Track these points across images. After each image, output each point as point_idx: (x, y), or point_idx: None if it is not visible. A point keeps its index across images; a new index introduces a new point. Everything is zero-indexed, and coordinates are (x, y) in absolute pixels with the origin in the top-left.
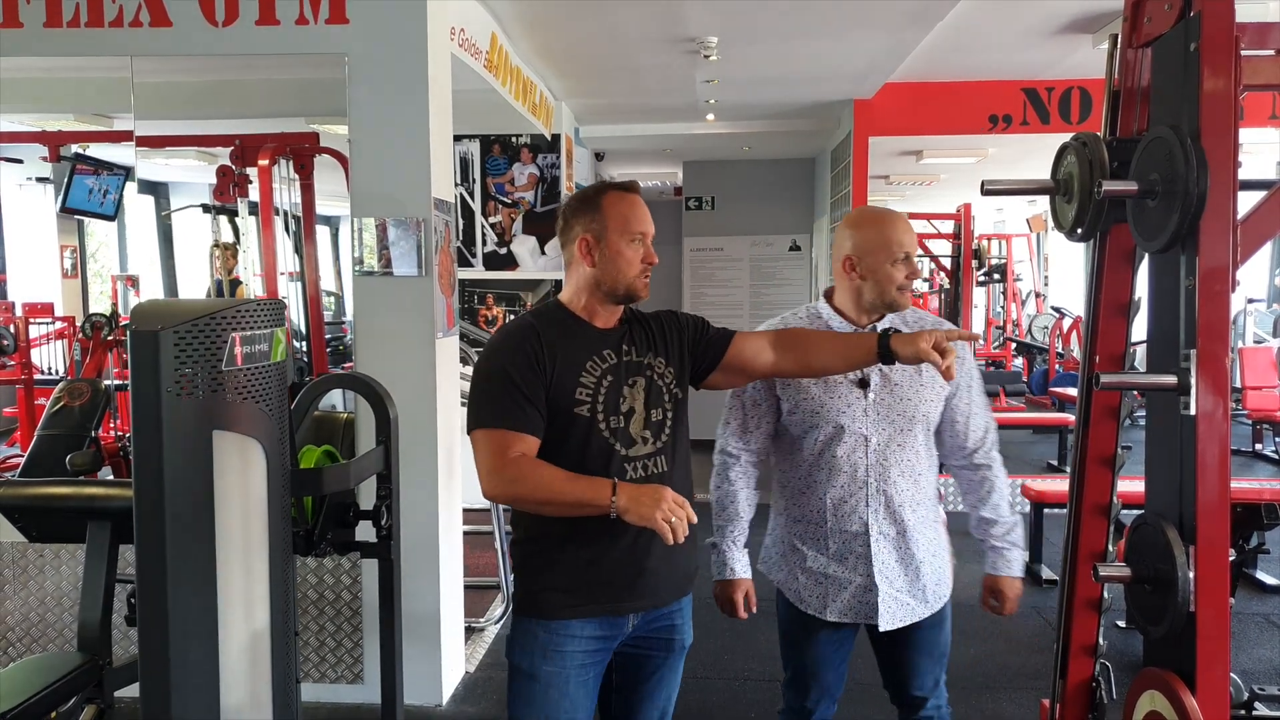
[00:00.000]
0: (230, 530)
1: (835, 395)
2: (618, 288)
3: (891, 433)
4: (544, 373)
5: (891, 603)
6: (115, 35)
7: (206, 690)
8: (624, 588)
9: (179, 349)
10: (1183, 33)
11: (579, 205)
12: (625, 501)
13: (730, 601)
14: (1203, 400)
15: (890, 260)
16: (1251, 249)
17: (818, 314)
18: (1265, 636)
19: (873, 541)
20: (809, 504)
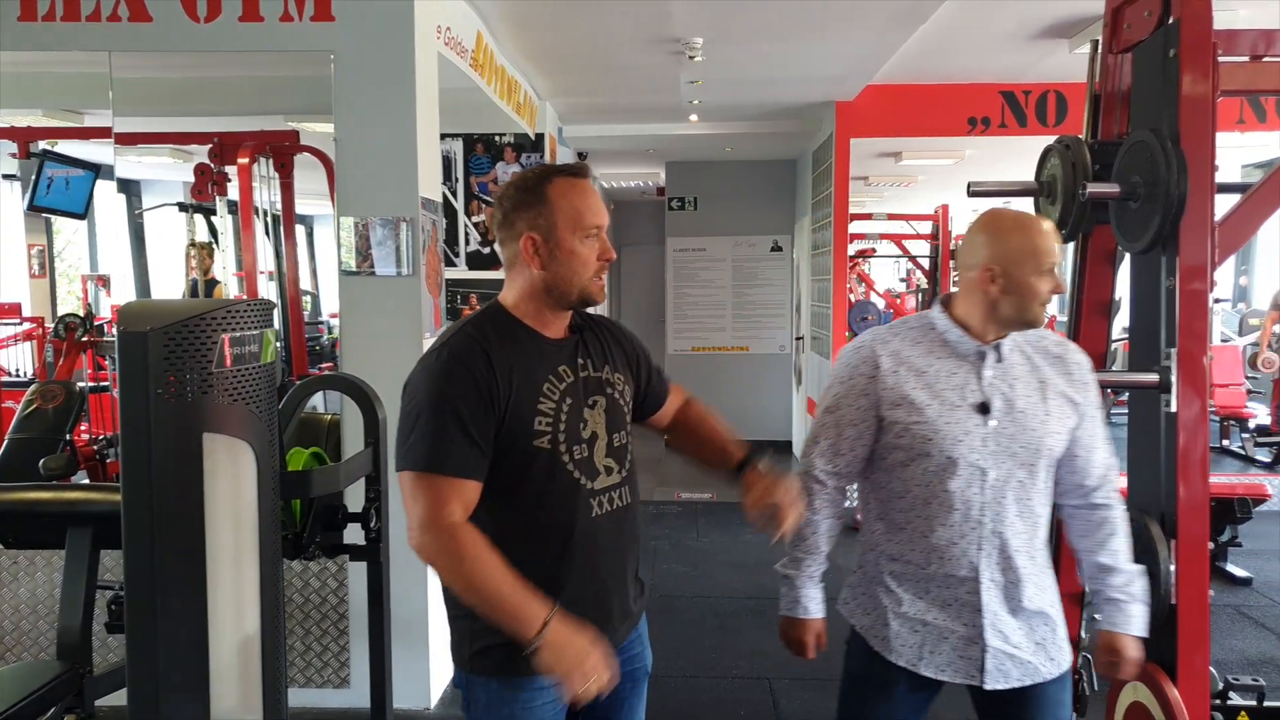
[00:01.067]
0: (220, 534)
1: (952, 421)
2: (570, 292)
3: (1012, 467)
4: (496, 405)
5: (1002, 659)
6: (93, 30)
7: (196, 696)
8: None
9: (168, 350)
10: (1162, 39)
11: (521, 196)
12: (547, 650)
13: (800, 643)
14: (1183, 398)
15: (1038, 271)
16: (1229, 251)
17: (931, 325)
18: (1237, 627)
19: (983, 589)
20: (911, 541)
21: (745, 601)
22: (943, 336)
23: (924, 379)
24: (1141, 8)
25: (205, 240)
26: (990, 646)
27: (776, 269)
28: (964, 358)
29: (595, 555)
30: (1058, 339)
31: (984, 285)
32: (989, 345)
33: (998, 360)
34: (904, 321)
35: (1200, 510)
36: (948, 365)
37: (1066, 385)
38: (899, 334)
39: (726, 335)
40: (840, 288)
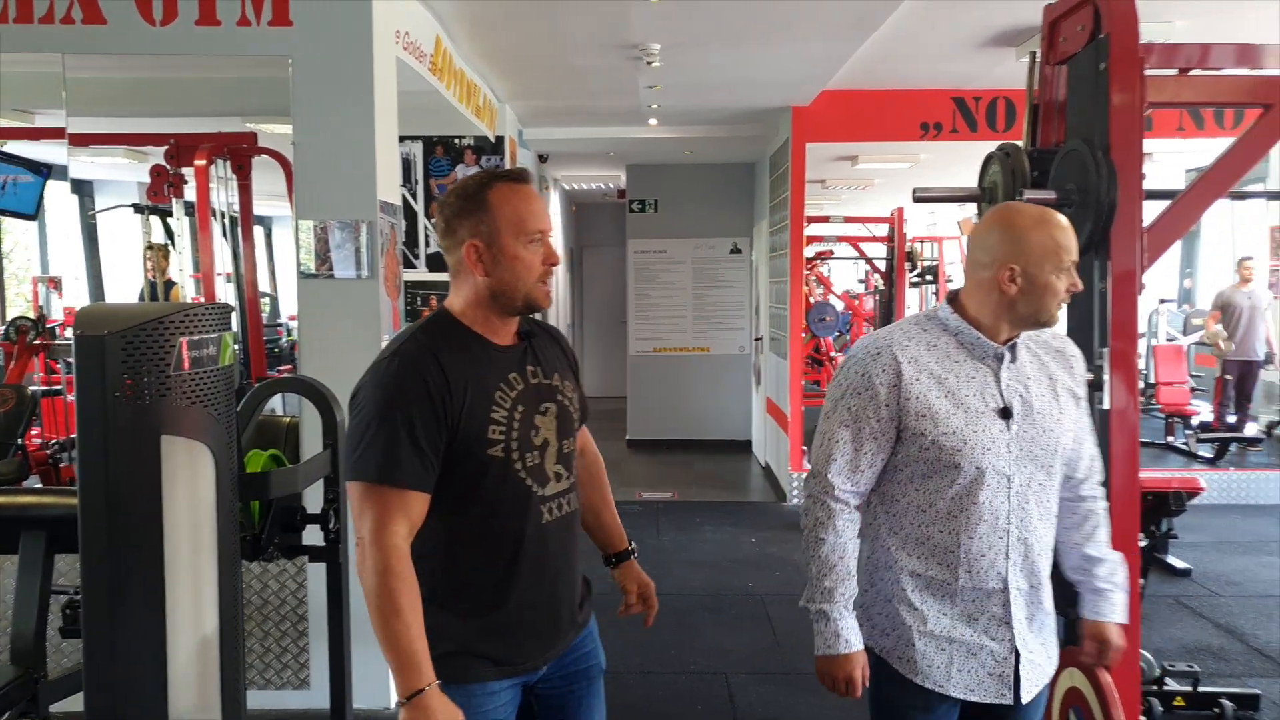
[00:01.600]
0: (178, 536)
1: (979, 429)
2: (516, 298)
3: (1033, 470)
4: (449, 415)
5: (1031, 670)
6: (46, 32)
7: (154, 697)
8: (538, 646)
9: (125, 353)
10: (1093, 53)
11: (462, 203)
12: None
13: (849, 680)
14: (1115, 395)
15: (1058, 270)
16: (1157, 254)
17: (943, 324)
18: (1176, 617)
19: (1011, 600)
20: (935, 555)
21: (704, 599)
22: (958, 338)
23: (945, 386)
24: (1075, 22)
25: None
26: (1023, 658)
27: (736, 271)
28: (983, 361)
29: (545, 560)
30: (1053, 332)
31: (1003, 284)
32: (1003, 344)
33: (1012, 361)
34: (913, 321)
35: (1132, 502)
36: (965, 369)
37: (1070, 379)
38: (913, 337)
39: (687, 336)
40: (797, 290)
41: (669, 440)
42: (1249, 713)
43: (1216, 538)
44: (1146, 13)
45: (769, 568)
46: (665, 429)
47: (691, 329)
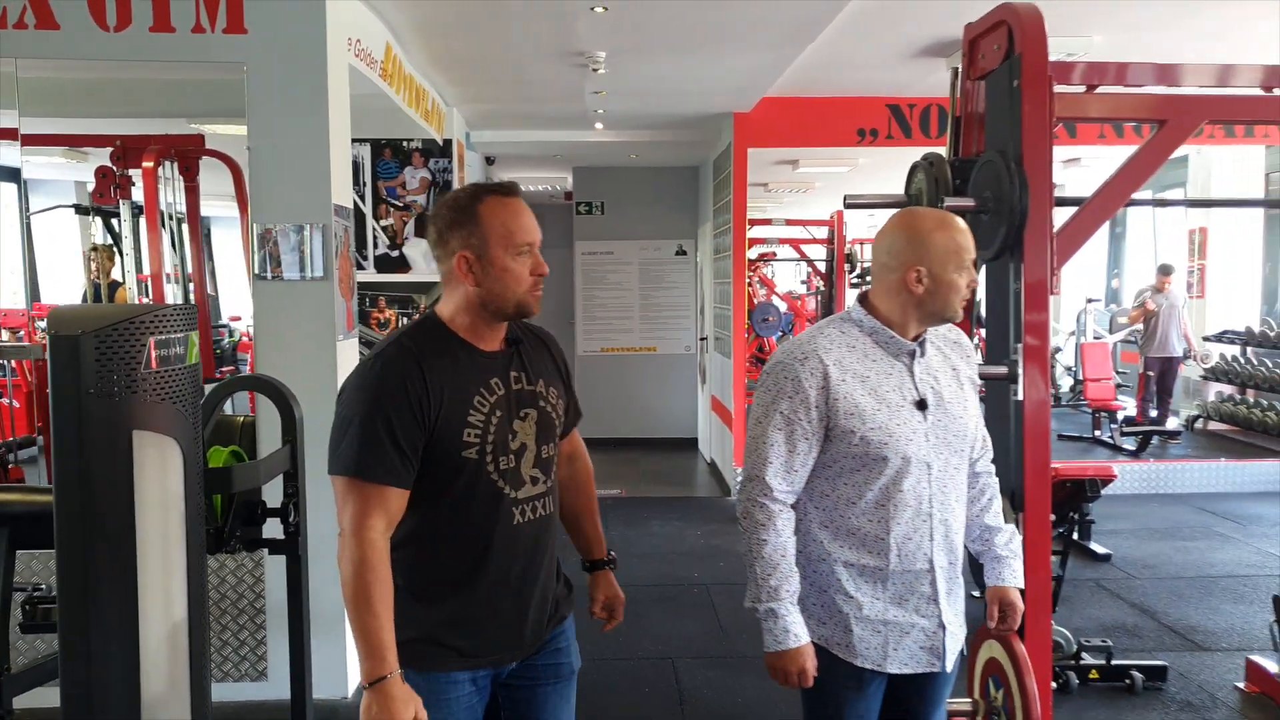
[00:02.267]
0: (150, 526)
1: (900, 421)
2: (506, 306)
3: (949, 455)
4: (426, 417)
5: (953, 640)
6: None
7: (127, 683)
8: (504, 642)
9: (99, 352)
10: (1008, 70)
11: (454, 216)
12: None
13: (801, 672)
14: (1028, 387)
15: (959, 268)
16: (1066, 257)
17: (859, 325)
18: (1095, 599)
19: (938, 579)
20: (871, 545)
21: (651, 590)
22: (874, 337)
23: (868, 384)
24: (992, 41)
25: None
26: (949, 630)
27: (681, 272)
28: (898, 358)
29: (512, 560)
30: (949, 325)
31: (910, 285)
32: (913, 340)
33: (922, 356)
34: (831, 325)
35: (1043, 487)
36: (883, 366)
37: (967, 368)
38: (835, 340)
39: (634, 336)
40: (740, 290)
41: (617, 439)
42: (1157, 683)
43: (1136, 525)
44: (1066, 28)
45: (714, 559)
46: (613, 427)
47: (638, 329)
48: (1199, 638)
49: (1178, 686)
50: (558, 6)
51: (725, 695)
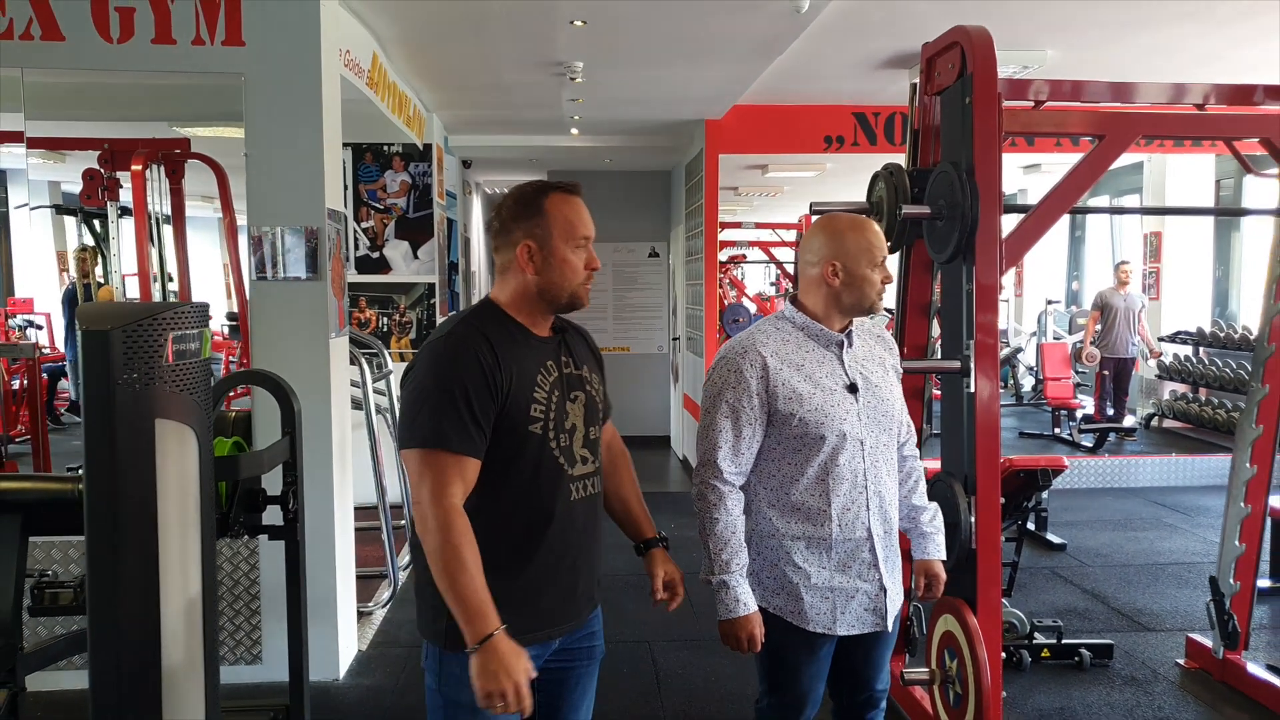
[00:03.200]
0: (170, 507)
1: (834, 402)
2: (561, 296)
3: (879, 433)
4: (499, 391)
5: (892, 602)
6: (6, 47)
7: (149, 650)
8: (559, 614)
9: (126, 346)
10: (960, 88)
11: (520, 208)
12: (481, 658)
13: (749, 638)
14: (980, 381)
15: (871, 265)
16: (1014, 260)
17: (791, 320)
18: (1050, 585)
19: (876, 545)
20: (814, 517)
21: (628, 578)
22: (805, 331)
23: (803, 372)
24: (947, 60)
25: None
26: (889, 593)
27: (654, 274)
28: (828, 348)
29: (570, 535)
30: (874, 321)
31: (828, 278)
32: (838, 331)
33: (850, 346)
34: (768, 323)
35: (993, 473)
36: (816, 356)
37: (892, 359)
38: (771, 335)
39: (608, 336)
40: (711, 292)
41: None
42: (1104, 660)
43: (1091, 517)
44: (1022, 43)
45: (686, 550)
46: None
47: (612, 329)
48: (1145, 619)
49: (1123, 663)
50: (539, 21)
51: (698, 674)
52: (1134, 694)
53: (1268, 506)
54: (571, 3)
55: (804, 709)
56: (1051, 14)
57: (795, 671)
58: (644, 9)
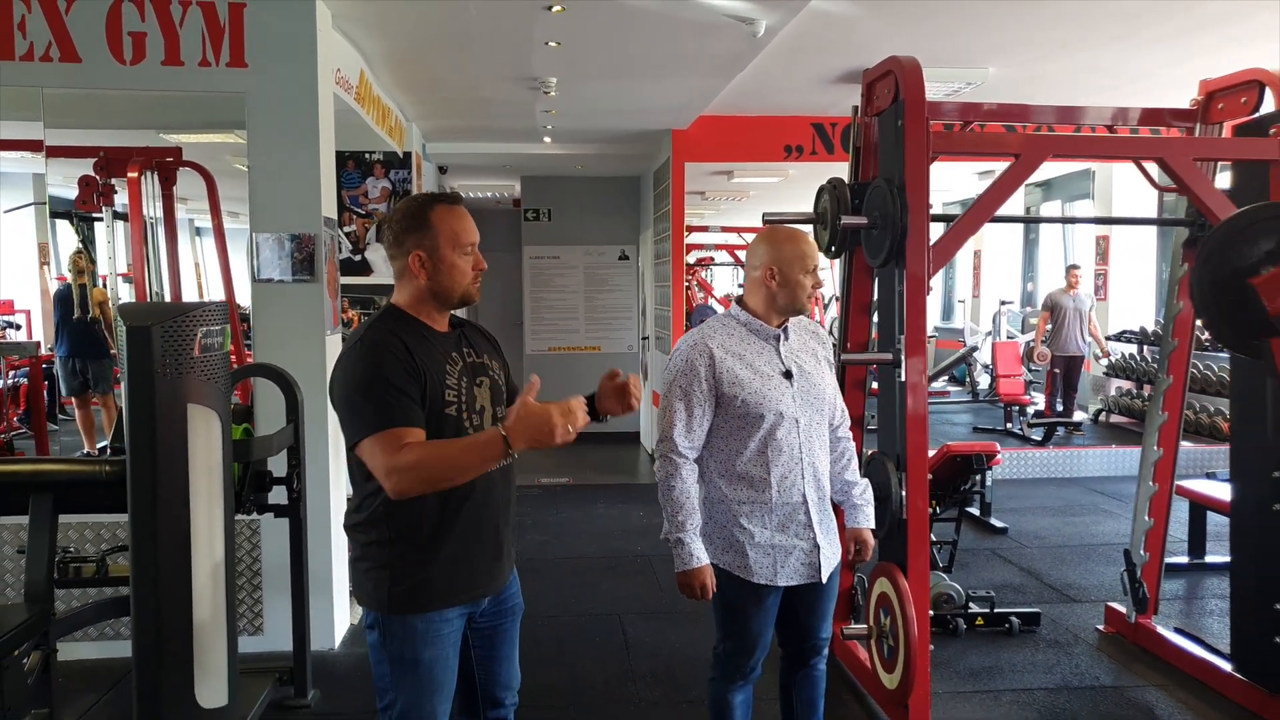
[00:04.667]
0: (199, 482)
1: (772, 387)
2: (452, 296)
3: (812, 414)
4: (419, 378)
5: (827, 558)
6: (27, 68)
7: (182, 605)
8: (486, 576)
9: (164, 340)
10: (894, 112)
11: (409, 221)
12: (523, 444)
13: (702, 586)
14: (910, 370)
15: (804, 270)
16: (940, 264)
17: (736, 318)
18: (990, 563)
19: (811, 509)
20: (756, 484)
21: (599, 560)
22: (748, 327)
23: (745, 360)
24: (884, 86)
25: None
26: (822, 550)
27: (624, 276)
28: (767, 341)
29: (489, 500)
30: (812, 321)
31: (766, 281)
32: (780, 329)
33: (787, 340)
34: (716, 320)
35: (921, 452)
36: (756, 347)
37: (824, 351)
38: (718, 330)
39: (580, 336)
40: (678, 293)
41: None
42: (1031, 627)
43: (1033, 504)
44: (966, 61)
45: (654, 534)
46: None
47: (584, 329)
48: (1072, 592)
49: (1049, 630)
50: (517, 41)
51: (663, 641)
52: (1055, 655)
53: (1173, 486)
54: (547, 26)
55: (754, 652)
56: (992, 35)
57: (745, 619)
58: (613, 31)
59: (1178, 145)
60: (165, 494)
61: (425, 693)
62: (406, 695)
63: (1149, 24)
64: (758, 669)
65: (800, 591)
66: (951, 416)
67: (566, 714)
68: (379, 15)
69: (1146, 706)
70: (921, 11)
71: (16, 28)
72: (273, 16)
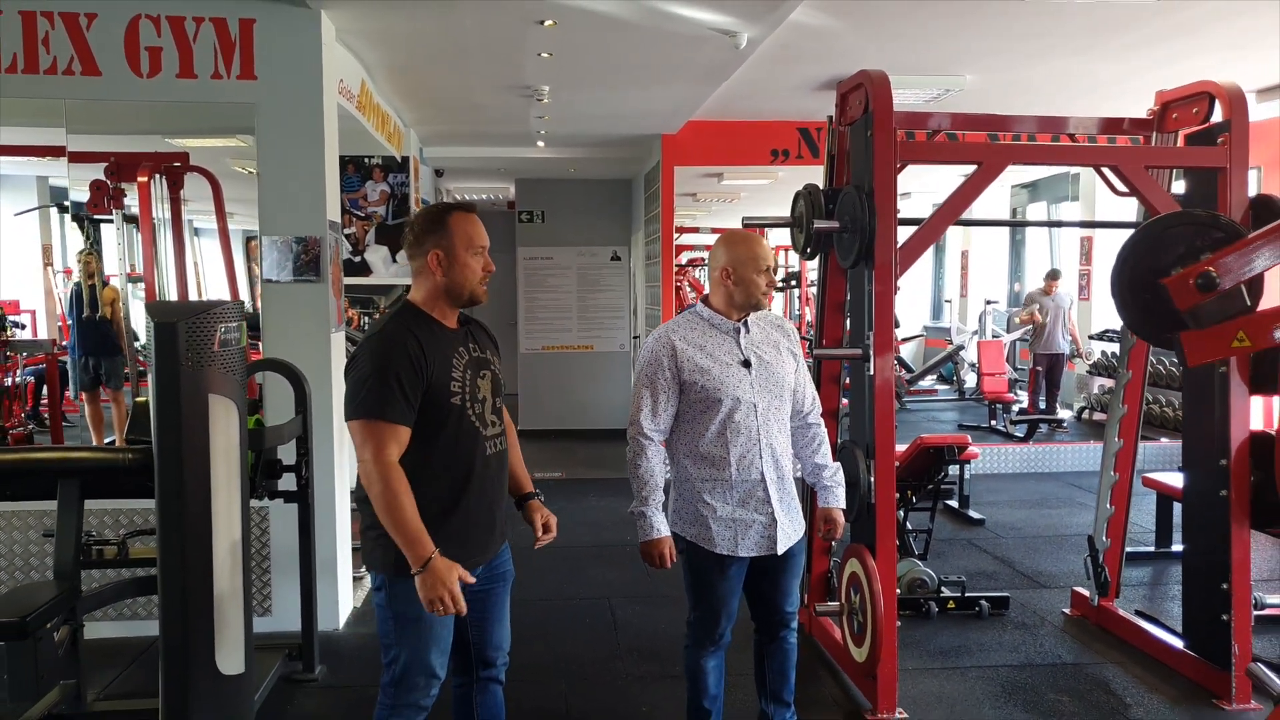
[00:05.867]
0: (219, 466)
1: (730, 373)
2: (463, 293)
3: (770, 399)
4: (424, 374)
5: (783, 534)
6: (51, 81)
7: (204, 578)
8: (481, 546)
9: (188, 336)
10: (865, 123)
11: (429, 225)
12: (426, 576)
13: (660, 555)
14: (878, 365)
15: (757, 270)
16: (907, 265)
17: (700, 314)
18: (966, 552)
19: (769, 486)
20: (715, 464)
21: (589, 549)
22: (709, 322)
23: (705, 351)
24: (856, 98)
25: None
26: (779, 524)
27: (616, 276)
28: (727, 333)
29: (486, 482)
30: (779, 316)
31: (724, 280)
32: (740, 323)
33: (747, 332)
34: (682, 316)
35: (889, 441)
36: (717, 339)
37: (788, 343)
38: (682, 325)
39: (573, 335)
40: (668, 293)
41: (557, 430)
42: (1000, 610)
43: (1012, 498)
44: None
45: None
46: (554, 419)
47: (576, 329)
48: (1042, 579)
49: (1017, 613)
50: (511, 52)
51: (649, 622)
52: (1021, 635)
53: (1134, 475)
54: (539, 38)
55: (720, 619)
56: (965, 46)
57: (710, 586)
58: (602, 43)
59: (1130, 154)
60: (189, 476)
61: (425, 646)
62: (410, 649)
63: (1110, 36)
64: (726, 635)
65: (764, 568)
66: (938, 414)
67: (555, 687)
68: (381, 29)
69: (1103, 681)
70: (898, 25)
71: (40, 43)
72: (280, 31)
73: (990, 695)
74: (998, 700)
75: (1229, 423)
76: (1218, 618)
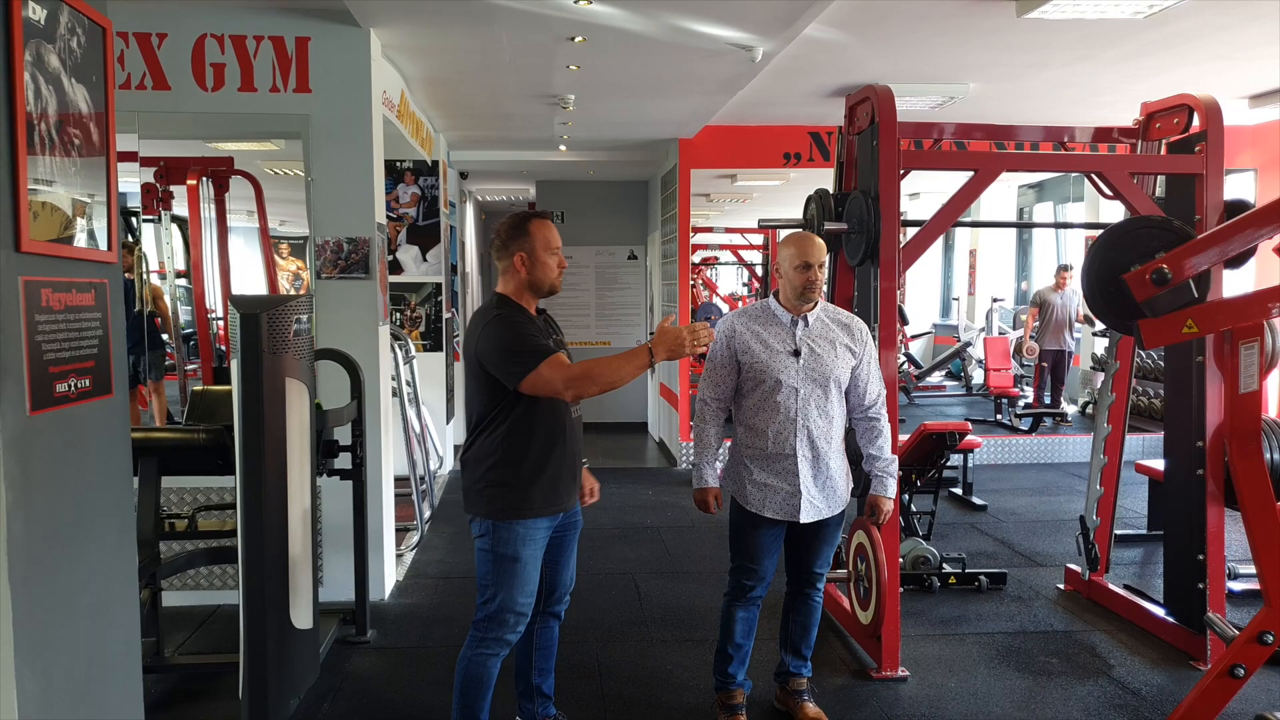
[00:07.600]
0: (293, 441)
1: (776, 359)
2: (544, 286)
3: (812, 387)
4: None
5: (808, 505)
6: (125, 96)
7: (280, 542)
8: (567, 495)
9: (270, 325)
10: (871, 132)
11: (513, 231)
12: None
13: (706, 502)
14: (883, 359)
15: (793, 267)
16: (909, 263)
17: (769, 305)
18: (968, 535)
19: (799, 462)
20: (756, 434)
21: (613, 530)
22: (773, 312)
23: (760, 338)
24: (864, 109)
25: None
26: (805, 496)
27: (633, 275)
28: (784, 324)
29: (572, 440)
30: (849, 314)
31: (778, 278)
32: (800, 316)
33: (805, 325)
34: (752, 305)
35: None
36: (774, 329)
37: (849, 340)
38: (748, 312)
39: (591, 332)
40: (684, 292)
41: None
42: (998, 585)
43: (1014, 486)
44: (946, 77)
45: (663, 510)
46: None
47: (595, 325)
48: (1039, 558)
49: (1014, 588)
50: (541, 66)
51: (671, 594)
52: (1017, 608)
53: (1121, 458)
54: (569, 53)
55: (750, 572)
56: (968, 57)
57: (745, 539)
58: (627, 57)
59: (1114, 161)
60: (269, 449)
61: (518, 586)
62: (505, 588)
63: (1102, 48)
64: (758, 590)
65: (800, 532)
66: (946, 409)
67: (588, 645)
68: (423, 45)
69: (1090, 646)
70: (903, 39)
71: (117, 60)
72: (333, 48)
73: (986, 658)
74: (993, 662)
75: (1205, 408)
76: (1194, 586)
